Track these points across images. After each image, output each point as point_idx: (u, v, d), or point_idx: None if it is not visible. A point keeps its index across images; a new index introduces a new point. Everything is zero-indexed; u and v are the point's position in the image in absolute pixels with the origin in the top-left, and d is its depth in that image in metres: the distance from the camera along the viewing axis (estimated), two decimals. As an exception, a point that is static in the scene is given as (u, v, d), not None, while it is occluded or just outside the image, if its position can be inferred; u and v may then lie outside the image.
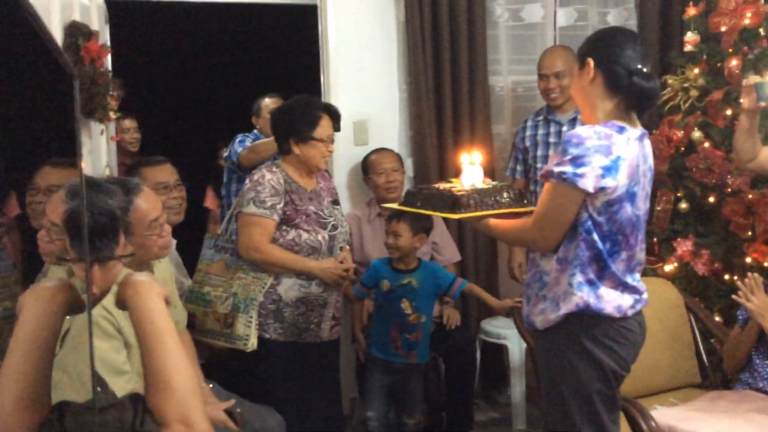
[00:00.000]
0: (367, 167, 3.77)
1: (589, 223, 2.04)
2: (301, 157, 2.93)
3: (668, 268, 3.39)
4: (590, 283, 2.07)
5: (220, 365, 2.96)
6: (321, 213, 2.94)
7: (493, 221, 2.23)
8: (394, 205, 2.53)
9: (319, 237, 2.90)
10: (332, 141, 2.98)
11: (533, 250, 2.22)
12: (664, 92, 3.51)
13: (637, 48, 2.12)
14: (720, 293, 3.23)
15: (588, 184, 1.98)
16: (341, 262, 2.95)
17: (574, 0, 4.15)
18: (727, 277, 3.25)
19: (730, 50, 3.28)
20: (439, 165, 3.92)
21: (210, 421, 1.39)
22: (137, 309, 1.40)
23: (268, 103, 4.12)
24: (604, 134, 2.01)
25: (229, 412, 2.54)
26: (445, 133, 3.92)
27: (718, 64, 3.35)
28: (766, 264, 3.02)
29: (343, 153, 3.88)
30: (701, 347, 3.06)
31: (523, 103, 4.14)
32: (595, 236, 2.04)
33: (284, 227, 2.88)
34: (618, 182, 2.01)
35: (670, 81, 3.49)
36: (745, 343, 2.75)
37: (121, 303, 1.44)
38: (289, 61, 5.75)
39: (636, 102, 2.11)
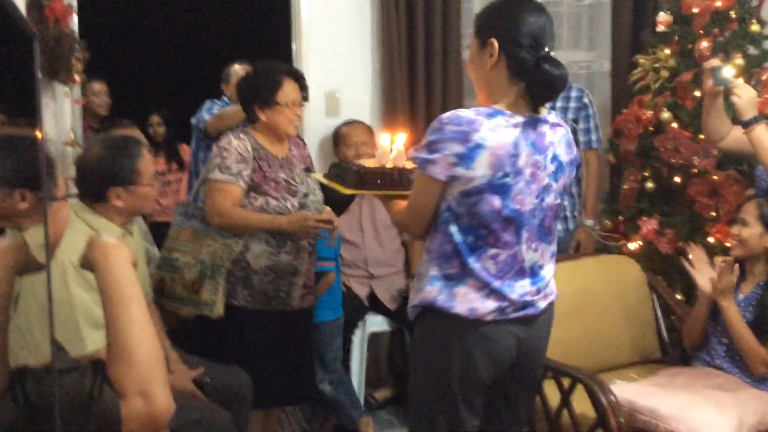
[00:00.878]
0: (337, 139, 3.74)
1: (447, 213, 1.87)
2: (268, 124, 2.89)
3: (633, 246, 3.44)
4: (447, 278, 1.90)
5: (188, 333, 2.95)
6: (292, 181, 2.91)
7: (394, 202, 2.09)
8: (319, 176, 2.56)
9: (288, 204, 2.87)
10: (299, 105, 2.92)
11: (408, 235, 2.16)
12: (635, 71, 3.53)
13: (543, 23, 1.85)
14: (682, 272, 3.28)
15: (438, 171, 1.81)
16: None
17: (549, -24, 4.13)
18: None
19: (701, 32, 3.31)
20: (411, 138, 3.89)
21: (177, 392, 1.37)
22: (104, 274, 1.36)
23: (238, 69, 4.05)
24: (466, 119, 1.79)
25: (198, 382, 2.54)
26: (418, 107, 3.89)
27: (689, 46, 3.37)
28: (728, 244, 3.07)
29: (314, 123, 3.85)
30: (662, 324, 3.12)
31: (496, 78, 4.13)
32: (452, 228, 1.86)
33: (252, 194, 2.85)
34: (474, 172, 1.79)
35: (641, 60, 3.50)
36: (699, 316, 2.80)
37: (87, 264, 1.41)
38: (260, 27, 5.68)
39: (539, 90, 1.85)
